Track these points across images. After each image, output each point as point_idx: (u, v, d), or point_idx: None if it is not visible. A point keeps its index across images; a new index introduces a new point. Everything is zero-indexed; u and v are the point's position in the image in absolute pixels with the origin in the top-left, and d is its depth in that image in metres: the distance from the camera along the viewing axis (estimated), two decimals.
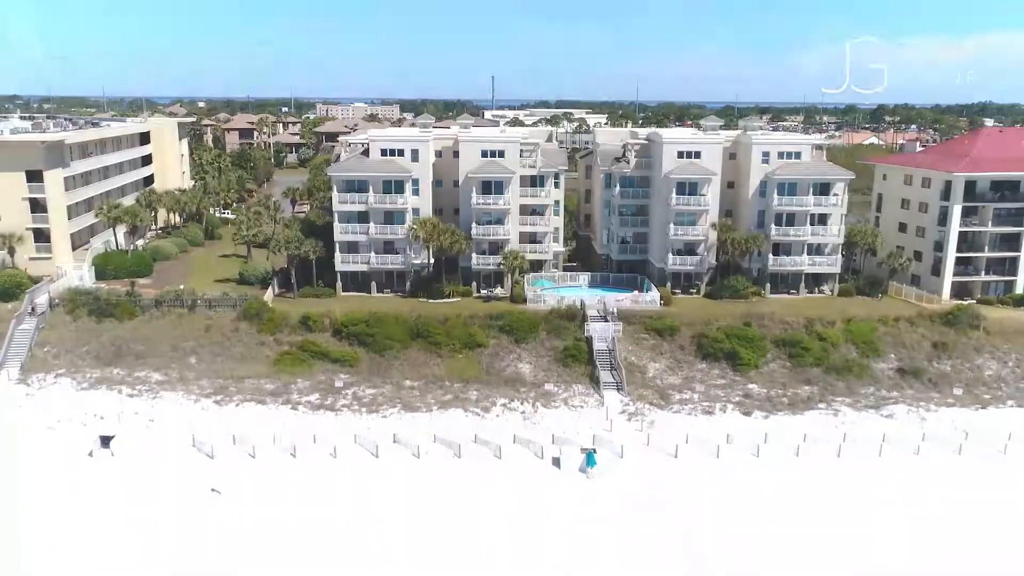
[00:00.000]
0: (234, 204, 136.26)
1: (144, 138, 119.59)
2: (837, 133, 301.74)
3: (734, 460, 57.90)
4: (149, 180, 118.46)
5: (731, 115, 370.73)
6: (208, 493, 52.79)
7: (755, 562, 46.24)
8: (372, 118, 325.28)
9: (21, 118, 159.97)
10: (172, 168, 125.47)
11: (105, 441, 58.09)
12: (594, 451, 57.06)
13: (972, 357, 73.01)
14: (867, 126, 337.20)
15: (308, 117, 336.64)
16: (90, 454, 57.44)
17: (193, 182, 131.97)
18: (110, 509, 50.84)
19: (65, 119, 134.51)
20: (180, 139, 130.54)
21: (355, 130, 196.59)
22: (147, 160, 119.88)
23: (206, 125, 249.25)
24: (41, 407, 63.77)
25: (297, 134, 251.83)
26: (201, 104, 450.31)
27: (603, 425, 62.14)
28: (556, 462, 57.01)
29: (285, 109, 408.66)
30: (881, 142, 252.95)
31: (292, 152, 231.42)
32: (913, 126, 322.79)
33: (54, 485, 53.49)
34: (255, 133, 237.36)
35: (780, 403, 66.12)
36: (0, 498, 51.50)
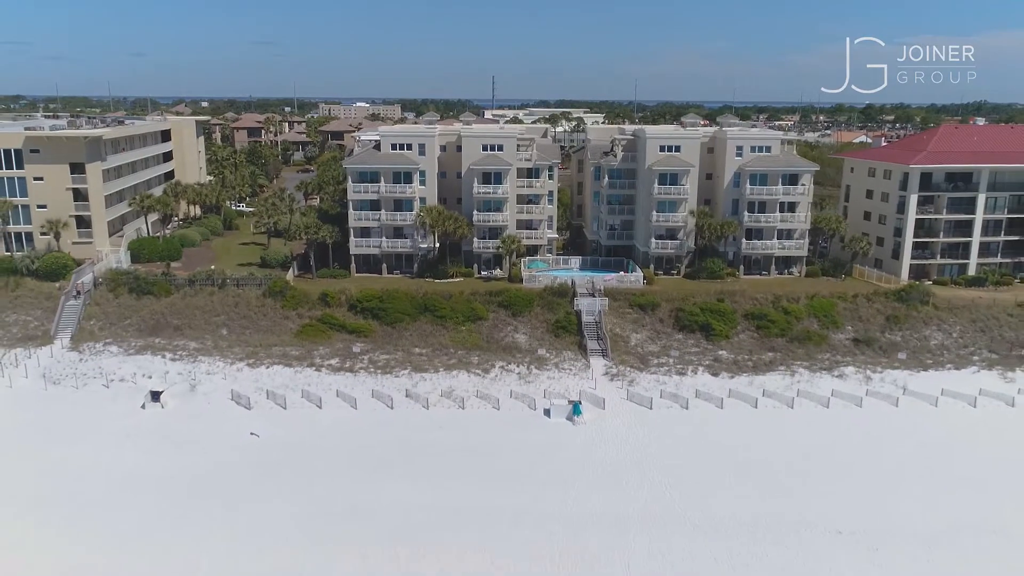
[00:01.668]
0: (247, 198, 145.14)
1: (165, 135, 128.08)
2: (829, 132, 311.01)
3: (701, 411, 66.78)
4: (169, 175, 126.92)
5: (729, 114, 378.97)
6: (248, 436, 61.46)
7: (711, 487, 54.80)
8: (374, 117, 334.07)
9: (44, 116, 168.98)
10: (190, 163, 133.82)
11: (155, 395, 66.74)
12: (580, 402, 65.82)
13: (920, 328, 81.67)
14: (861, 125, 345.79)
15: (312, 116, 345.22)
16: (143, 406, 66.10)
17: (210, 177, 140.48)
18: (163, 449, 59.43)
19: (89, 118, 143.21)
20: (197, 136, 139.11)
21: (359, 128, 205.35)
22: (168, 156, 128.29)
23: (215, 124, 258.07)
24: (94, 369, 72.35)
25: (303, 133, 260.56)
26: (204, 104, 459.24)
27: (589, 384, 70.84)
28: (547, 412, 65.76)
29: (288, 109, 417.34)
30: (871, 140, 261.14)
31: (299, 150, 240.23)
32: (908, 125, 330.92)
33: (113, 431, 62.15)
34: (262, 132, 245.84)
35: (745, 366, 74.83)
36: (57, 447, 60.00)
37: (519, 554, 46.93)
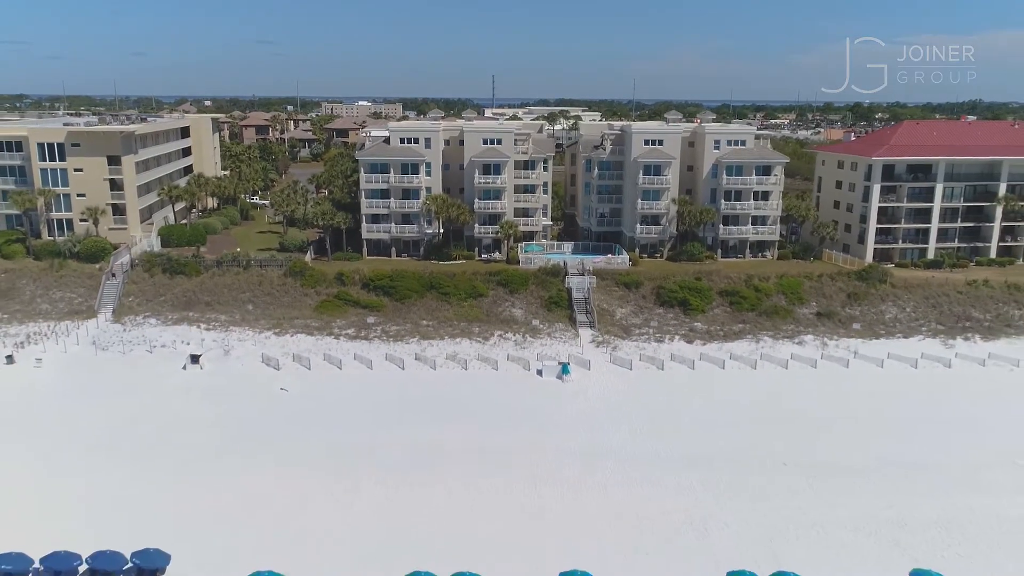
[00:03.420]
0: (260, 191, 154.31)
1: (184, 132, 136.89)
2: (820, 129, 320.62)
3: (675, 371, 75.93)
4: (188, 169, 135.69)
5: (726, 113, 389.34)
6: (278, 391, 70.52)
7: (679, 430, 63.74)
8: (377, 116, 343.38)
9: (67, 114, 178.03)
10: (207, 158, 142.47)
11: (194, 358, 75.76)
12: (568, 363, 74.91)
13: (877, 304, 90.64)
14: (851, 124, 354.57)
15: (314, 115, 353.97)
16: (183, 368, 75.12)
17: (226, 171, 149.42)
18: (206, 401, 68.47)
19: (113, 116, 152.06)
20: (213, 133, 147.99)
21: (363, 126, 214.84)
22: (186, 151, 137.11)
23: (224, 122, 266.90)
24: (137, 337, 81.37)
25: (309, 131, 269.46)
26: (207, 103, 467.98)
27: (577, 350, 79.90)
28: (539, 372, 74.90)
29: (290, 107, 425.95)
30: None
31: (305, 147, 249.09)
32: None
33: (160, 387, 71.21)
34: (270, 129, 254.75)
35: (717, 335, 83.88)
36: (114, 400, 68.97)
37: (511, 478, 56.00)
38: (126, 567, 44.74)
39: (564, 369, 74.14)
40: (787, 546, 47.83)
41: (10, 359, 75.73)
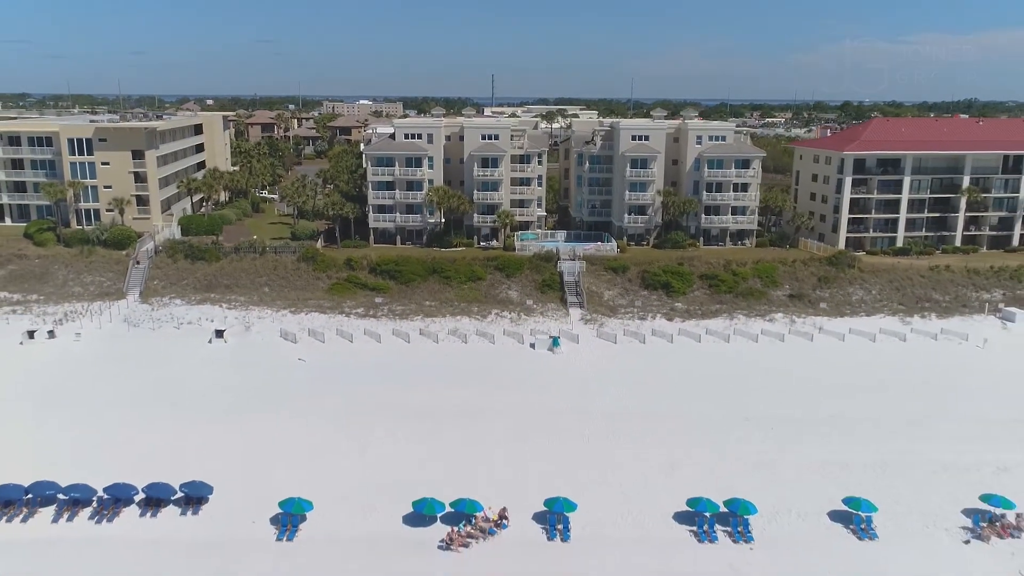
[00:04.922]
0: (268, 186, 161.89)
1: (197, 129, 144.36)
2: (812, 128, 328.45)
3: (655, 344, 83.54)
4: (201, 165, 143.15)
5: (724, 112, 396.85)
6: (296, 361, 78.07)
7: (656, 393, 71.27)
8: (377, 114, 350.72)
9: (83, 112, 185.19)
10: (219, 154, 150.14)
11: (219, 333, 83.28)
12: (558, 337, 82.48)
13: (846, 287, 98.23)
14: (842, 121, 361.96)
15: (316, 114, 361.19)
16: (209, 341, 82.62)
17: (237, 166, 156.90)
18: (231, 369, 76.00)
19: (130, 114, 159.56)
20: (224, 130, 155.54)
21: (366, 124, 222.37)
22: (200, 147, 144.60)
23: (230, 120, 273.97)
24: (165, 316, 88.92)
25: (312, 128, 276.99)
26: (210, 102, 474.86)
27: (567, 327, 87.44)
28: (532, 345, 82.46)
29: (292, 107, 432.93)
30: None
31: (309, 144, 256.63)
32: None
33: (189, 357, 78.74)
34: (275, 128, 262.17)
35: (696, 314, 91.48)
36: (150, 367, 76.50)
37: (505, 430, 63.63)
38: (175, 496, 52.37)
39: (555, 342, 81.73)
40: (741, 481, 55.34)
41: (51, 334, 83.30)
